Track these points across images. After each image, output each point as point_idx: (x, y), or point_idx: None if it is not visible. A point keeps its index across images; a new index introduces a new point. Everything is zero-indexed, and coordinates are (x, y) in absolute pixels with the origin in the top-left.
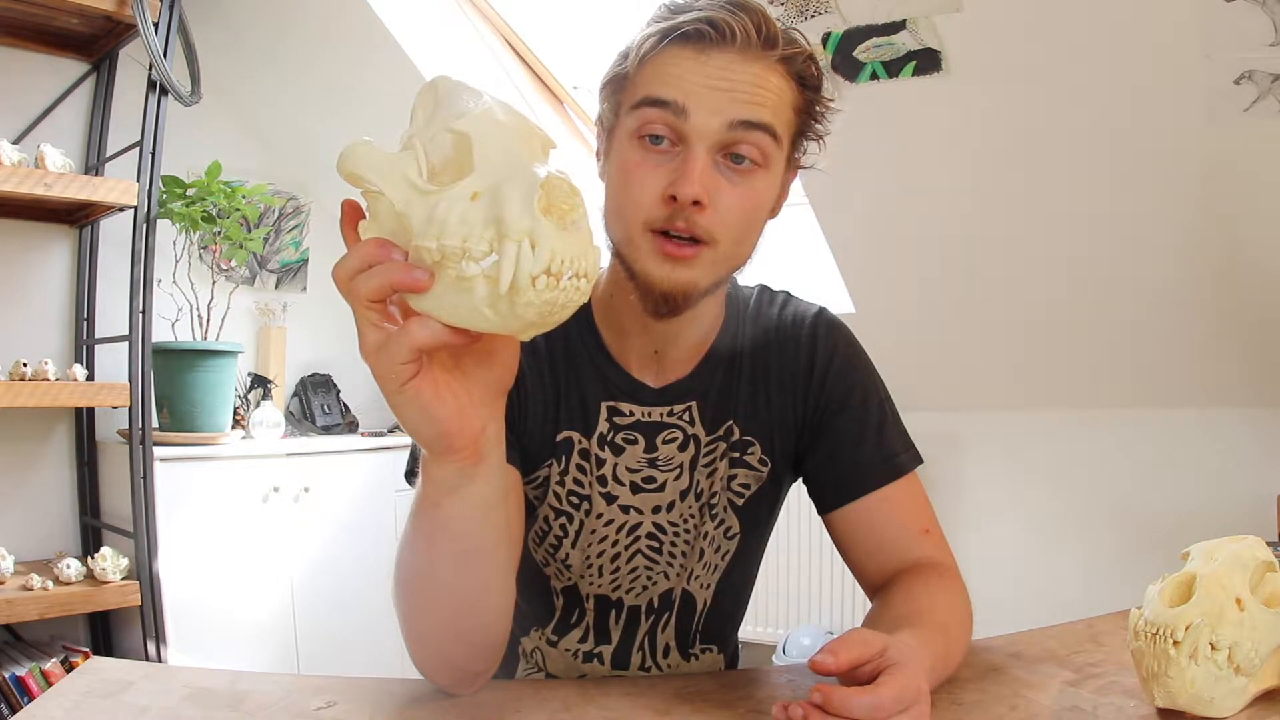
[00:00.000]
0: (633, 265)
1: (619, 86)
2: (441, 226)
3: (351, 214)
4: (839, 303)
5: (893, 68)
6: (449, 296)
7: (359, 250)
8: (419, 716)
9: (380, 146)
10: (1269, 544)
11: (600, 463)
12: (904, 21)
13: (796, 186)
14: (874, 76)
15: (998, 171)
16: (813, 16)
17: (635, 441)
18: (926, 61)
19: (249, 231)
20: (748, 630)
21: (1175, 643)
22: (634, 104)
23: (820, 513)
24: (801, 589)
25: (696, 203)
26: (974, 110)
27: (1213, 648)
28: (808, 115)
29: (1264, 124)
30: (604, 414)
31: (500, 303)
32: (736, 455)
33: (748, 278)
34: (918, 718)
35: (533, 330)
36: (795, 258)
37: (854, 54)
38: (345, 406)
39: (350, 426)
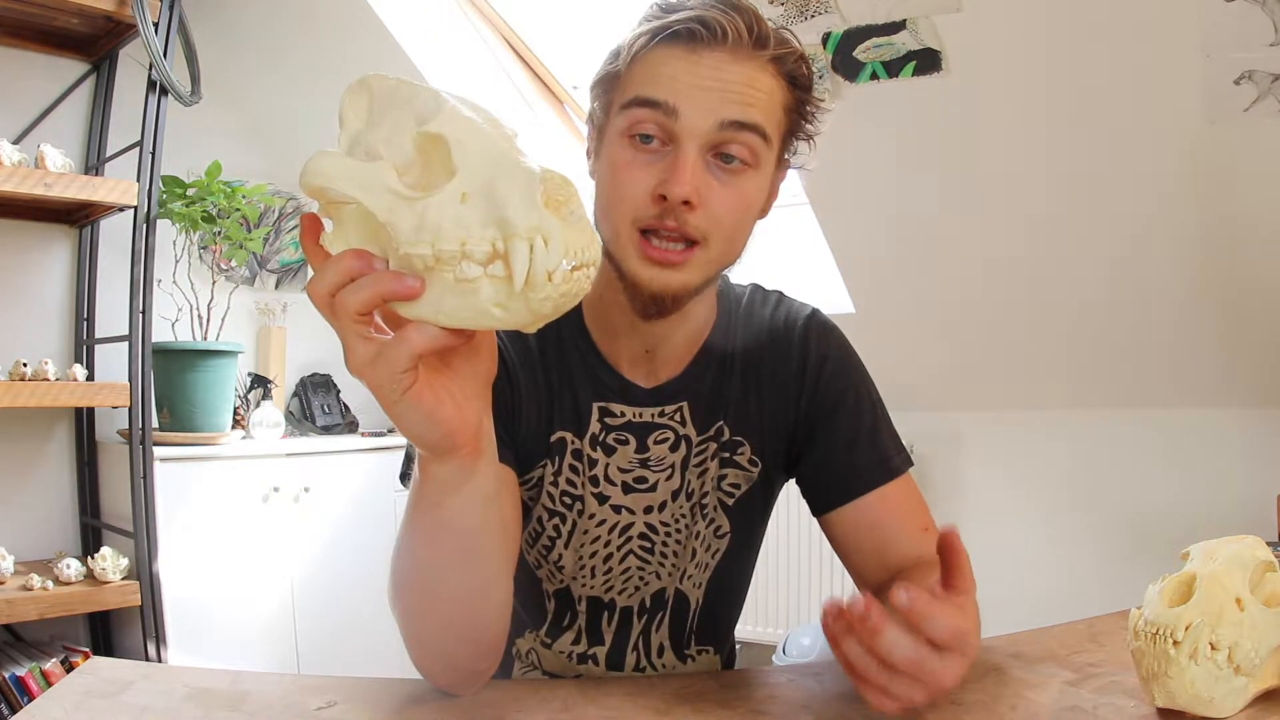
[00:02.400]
0: (621, 265)
1: (610, 85)
2: (435, 231)
3: (313, 228)
4: (839, 303)
5: (893, 68)
6: (448, 300)
7: (337, 264)
8: (419, 716)
9: (346, 156)
10: (1269, 544)
11: (592, 463)
12: (904, 21)
13: (796, 187)
14: (874, 76)
15: (997, 171)
16: (813, 16)
17: (626, 442)
18: (926, 61)
19: (249, 231)
20: (748, 630)
21: (1175, 643)
22: (625, 103)
23: (815, 514)
24: (801, 589)
25: (686, 202)
26: (974, 110)
27: (1213, 648)
28: (798, 115)
29: (1264, 124)
30: (595, 414)
31: (513, 300)
32: (726, 455)
33: (742, 276)
34: (957, 664)
35: (543, 322)
36: (795, 258)
37: (854, 54)
38: (345, 406)
39: (350, 426)
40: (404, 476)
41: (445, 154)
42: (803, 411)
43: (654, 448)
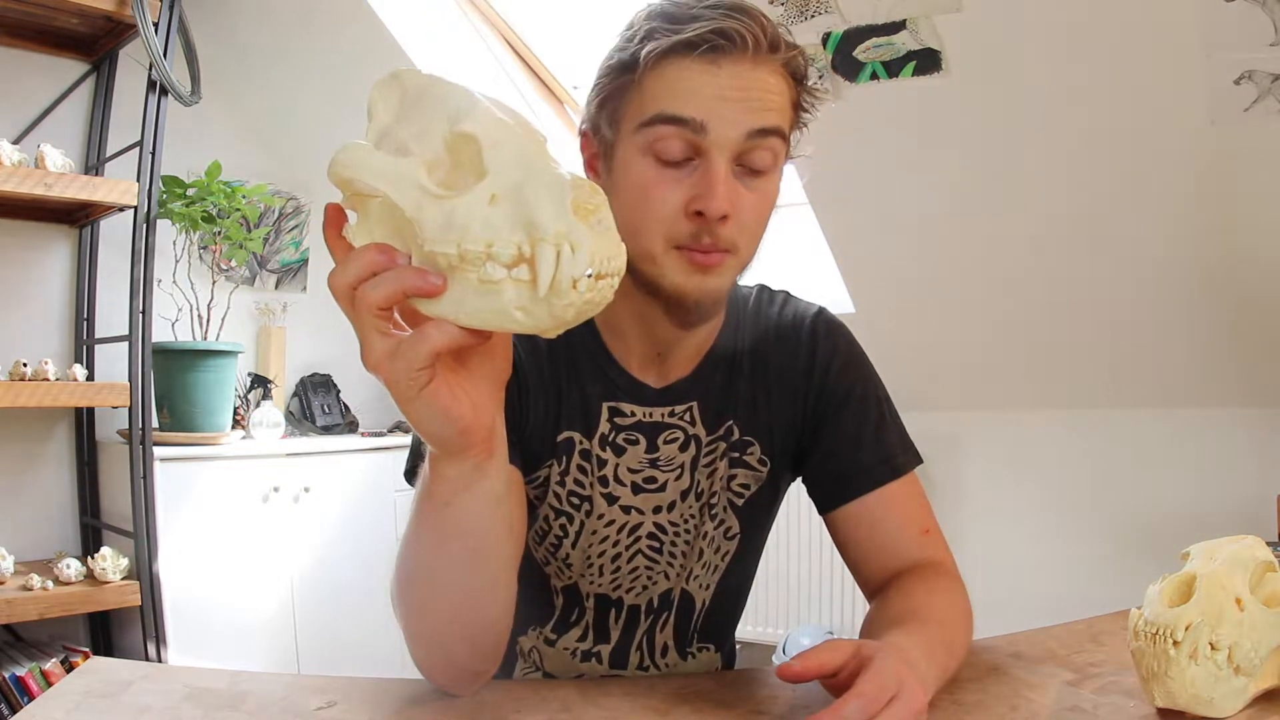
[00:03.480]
0: (659, 281)
1: (620, 100)
2: (463, 231)
3: (336, 219)
4: (839, 303)
5: (893, 68)
6: (470, 300)
7: (360, 257)
8: (419, 716)
9: (375, 149)
10: (1269, 544)
11: (601, 463)
12: (904, 21)
13: (796, 186)
14: (874, 76)
15: (998, 171)
16: (813, 16)
17: (636, 442)
18: (926, 61)
19: (249, 231)
20: (747, 630)
21: (1175, 643)
22: (645, 120)
23: (820, 512)
24: (801, 589)
25: (723, 216)
26: (974, 110)
27: (1213, 648)
28: (801, 108)
29: (1264, 124)
30: (605, 414)
31: (536, 305)
32: (736, 455)
33: (747, 277)
34: (908, 702)
35: (564, 328)
36: (795, 258)
37: (854, 54)
38: (345, 406)
39: (350, 426)
40: (410, 474)
41: (476, 154)
42: (809, 409)
43: (663, 448)
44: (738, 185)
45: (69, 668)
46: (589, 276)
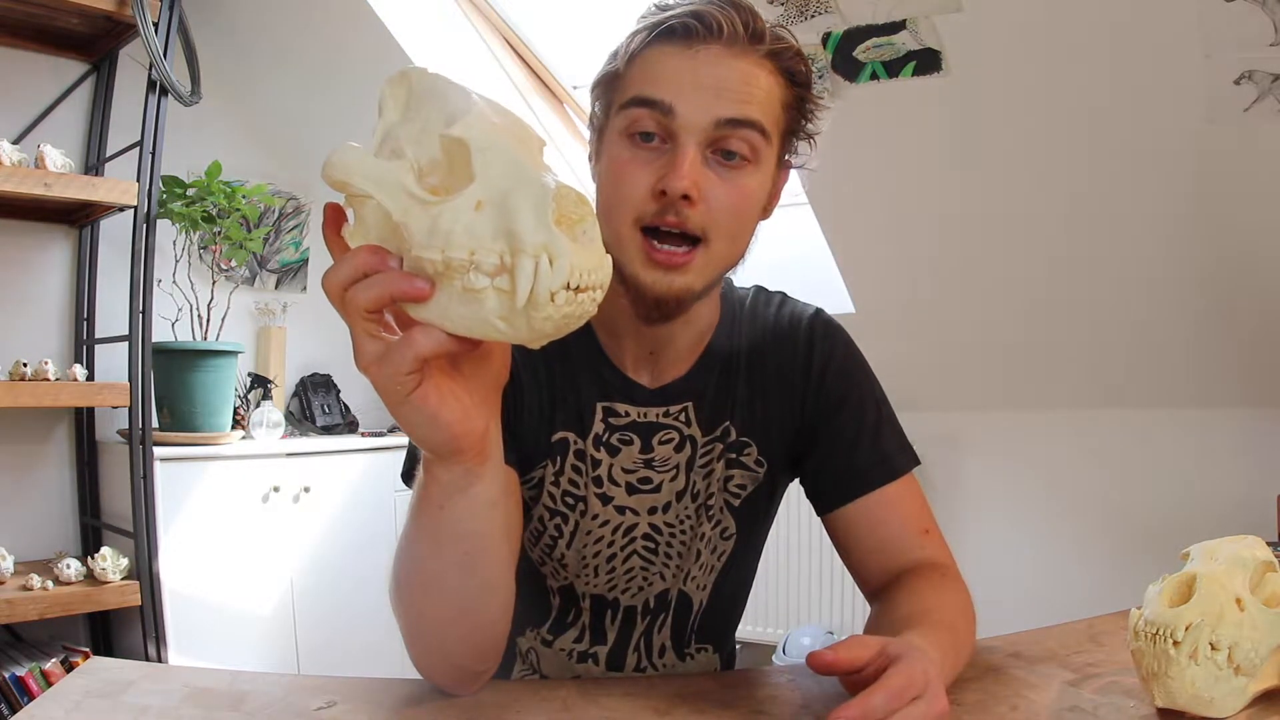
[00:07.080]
0: (623, 268)
1: (610, 86)
2: (447, 238)
3: (335, 219)
4: (839, 303)
5: (893, 68)
6: (454, 307)
7: (352, 259)
8: (419, 716)
9: (370, 152)
10: (1269, 544)
11: (596, 463)
12: (904, 21)
13: (797, 187)
14: (874, 76)
15: (997, 171)
16: (813, 16)
17: (631, 442)
18: (926, 61)
19: (249, 231)
20: (747, 630)
21: (1175, 643)
22: (624, 103)
23: (819, 513)
24: (801, 589)
25: (686, 197)
26: (974, 110)
27: (1213, 648)
28: (797, 112)
29: (1264, 124)
30: (599, 414)
31: (516, 316)
32: (733, 456)
33: (744, 278)
34: (933, 702)
35: (545, 340)
36: (795, 258)
37: (854, 54)
38: (345, 406)
39: (350, 426)
40: (407, 475)
41: (466, 159)
42: (806, 411)
43: (658, 448)
44: (708, 172)
45: (69, 668)
46: (570, 290)
